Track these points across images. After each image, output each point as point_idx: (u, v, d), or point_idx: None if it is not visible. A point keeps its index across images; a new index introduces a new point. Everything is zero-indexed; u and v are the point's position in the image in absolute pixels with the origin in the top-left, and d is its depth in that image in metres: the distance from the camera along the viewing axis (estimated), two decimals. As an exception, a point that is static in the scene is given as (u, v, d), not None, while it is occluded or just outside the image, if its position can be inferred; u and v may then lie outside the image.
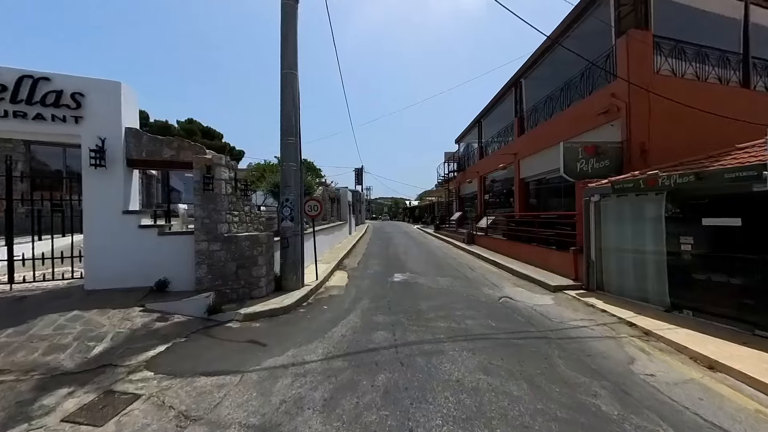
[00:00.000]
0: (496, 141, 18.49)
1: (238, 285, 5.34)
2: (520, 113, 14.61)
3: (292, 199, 6.33)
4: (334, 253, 12.32)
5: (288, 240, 6.22)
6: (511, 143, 15.41)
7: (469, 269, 10.02)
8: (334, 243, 14.74)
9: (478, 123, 20.99)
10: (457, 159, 26.46)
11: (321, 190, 13.60)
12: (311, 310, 5.71)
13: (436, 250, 15.07)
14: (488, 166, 18.61)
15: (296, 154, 6.44)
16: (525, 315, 5.61)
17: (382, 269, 10.03)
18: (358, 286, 7.75)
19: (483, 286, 7.86)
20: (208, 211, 5.06)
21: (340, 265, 10.62)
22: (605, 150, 8.14)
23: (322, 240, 11.75)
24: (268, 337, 4.40)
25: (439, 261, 11.68)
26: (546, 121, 12.21)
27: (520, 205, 14.32)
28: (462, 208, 25.71)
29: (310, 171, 17.61)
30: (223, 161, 5.27)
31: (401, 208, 70.45)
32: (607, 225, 6.91)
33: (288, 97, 6.34)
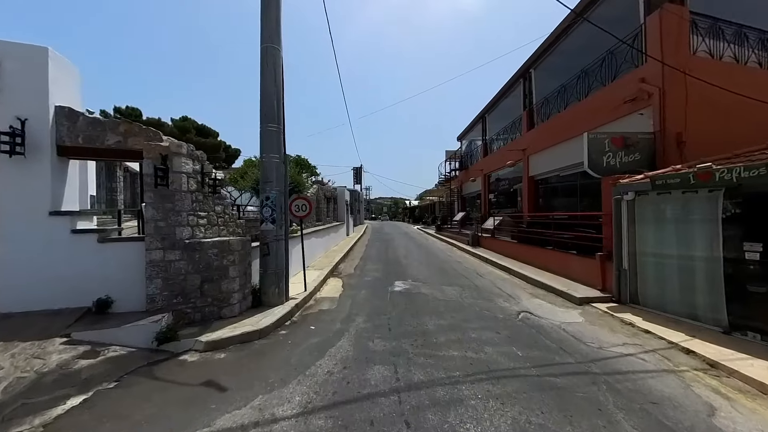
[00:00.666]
0: (501, 137, 17.50)
1: (204, 303, 4.34)
2: (530, 106, 13.61)
3: (274, 198, 5.32)
4: (329, 257, 11.32)
5: (269, 246, 5.22)
6: (519, 139, 14.41)
7: (477, 276, 9.02)
8: (329, 245, 13.74)
9: (482, 119, 20.00)
10: (459, 157, 25.46)
11: (315, 189, 12.60)
12: (294, 331, 4.70)
13: (438, 252, 14.07)
14: (493, 163, 17.62)
15: (279, 144, 5.43)
16: (554, 337, 4.61)
17: (381, 276, 9.02)
18: (354, 297, 6.74)
19: (496, 296, 6.86)
20: (163, 211, 4.07)
21: (335, 271, 9.61)
22: (635, 142, 7.15)
23: (315, 243, 10.75)
24: (233, 375, 3.39)
25: (443, 266, 10.68)
26: (559, 113, 11.22)
27: (529, 205, 13.32)
28: (464, 208, 24.72)
29: (304, 168, 16.58)
30: (185, 150, 4.26)
31: (401, 208, 69.42)
32: (643, 227, 5.92)
33: (269, 76, 5.33)
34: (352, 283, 8.14)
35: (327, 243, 13.06)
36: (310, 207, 6.43)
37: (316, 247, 10.96)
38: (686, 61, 6.99)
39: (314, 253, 10.60)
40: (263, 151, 5.36)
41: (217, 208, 5.03)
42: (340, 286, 7.73)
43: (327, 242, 13.07)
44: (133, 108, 38.98)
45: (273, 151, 5.34)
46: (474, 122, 21.74)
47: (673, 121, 6.95)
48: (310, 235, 10.11)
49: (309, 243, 9.85)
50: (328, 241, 13.41)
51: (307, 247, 9.80)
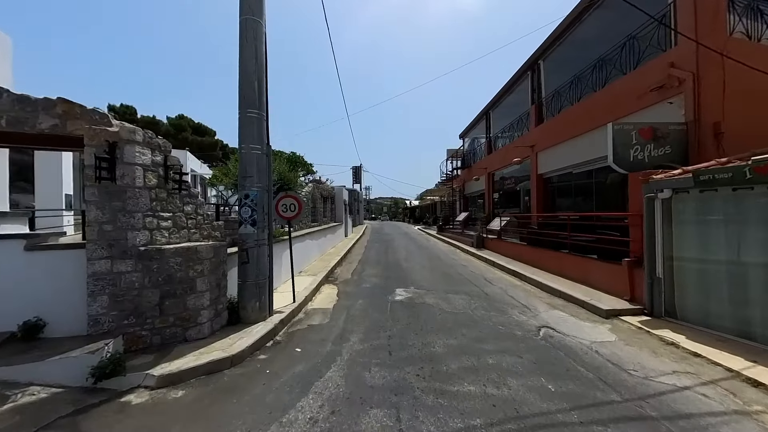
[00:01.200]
0: (506, 135, 16.72)
1: (164, 323, 3.56)
2: (538, 100, 12.83)
3: (255, 196, 4.54)
4: (324, 261, 10.53)
5: (248, 252, 4.44)
6: (527, 135, 13.63)
7: (485, 282, 8.24)
8: (326, 247, 12.96)
9: (486, 115, 19.22)
10: (461, 156, 24.68)
11: (310, 188, 11.82)
12: (276, 356, 3.92)
13: (441, 255, 13.29)
14: (498, 161, 16.84)
15: (261, 133, 4.65)
16: (588, 363, 3.83)
17: (381, 282, 8.24)
18: (349, 308, 5.96)
19: (510, 307, 6.09)
20: (110, 212, 3.29)
21: (330, 276, 8.83)
22: (665, 133, 6.37)
23: (309, 246, 9.96)
24: (187, 425, 2.62)
25: (448, 270, 9.90)
26: (572, 107, 10.44)
27: (538, 205, 12.55)
28: (467, 208, 23.94)
29: (299, 165, 15.77)
30: (140, 137, 3.48)
31: (401, 208, 68.65)
32: (682, 229, 5.14)
33: (248, 53, 4.55)
34: (348, 290, 7.35)
35: (323, 245, 12.28)
36: (299, 207, 5.65)
37: (311, 249, 10.19)
38: (723, 42, 6.22)
39: (308, 257, 9.83)
40: (242, 141, 4.58)
41: (186, 208, 4.25)
42: (334, 295, 6.95)
43: (323, 244, 12.29)
44: (128, 106, 38.23)
45: (253, 141, 4.56)
46: (477, 119, 20.97)
47: (709, 109, 6.17)
48: (304, 237, 9.33)
49: (302, 246, 9.07)
50: (325, 243, 12.63)
51: (301, 250, 9.03)
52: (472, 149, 23.62)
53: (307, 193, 11.26)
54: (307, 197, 11.20)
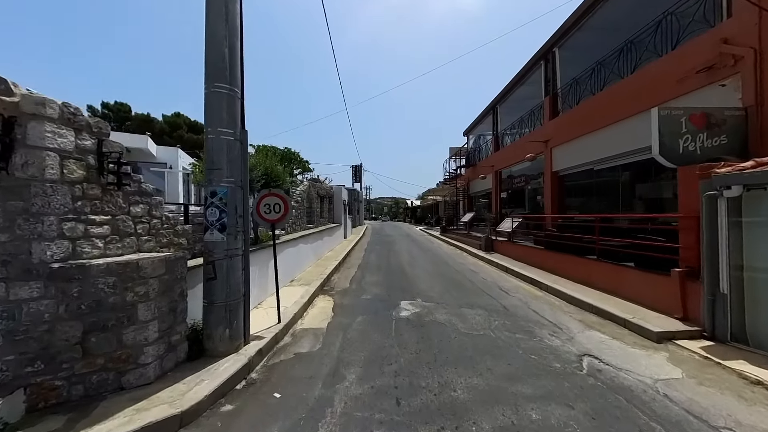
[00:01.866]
0: (515, 131, 15.75)
1: (89, 367, 2.59)
2: (553, 91, 11.85)
3: (225, 194, 3.56)
4: (320, 267, 9.56)
5: (214, 266, 3.46)
6: (540, 129, 12.66)
7: (501, 292, 7.27)
8: (323, 251, 11.98)
9: (493, 110, 18.25)
10: (465, 153, 23.72)
11: (305, 186, 10.85)
12: (246, 407, 2.95)
13: (447, 259, 12.31)
14: (506, 159, 15.87)
15: (233, 115, 3.68)
16: (664, 417, 2.86)
17: (383, 292, 7.27)
18: (347, 329, 4.99)
19: (537, 326, 5.12)
20: (4, 215, 2.33)
21: (326, 285, 7.87)
22: (720, 120, 5.39)
23: (303, 251, 8.99)
24: None
25: (457, 277, 8.93)
26: (594, 96, 9.46)
27: (552, 205, 11.58)
28: (471, 208, 22.98)
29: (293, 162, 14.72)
30: (55, 110, 2.50)
31: (402, 208, 67.69)
32: (757, 233, 4.17)
33: (216, 12, 3.57)
34: (345, 304, 6.38)
35: (320, 248, 11.31)
36: (285, 207, 4.68)
37: (305, 255, 9.22)
38: (791, 11, 5.24)
39: (302, 263, 8.86)
40: (208, 123, 3.60)
41: (135, 209, 3.28)
42: (329, 310, 5.97)
43: (320, 247, 11.32)
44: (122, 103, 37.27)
45: (223, 124, 3.58)
46: (483, 115, 19.99)
47: (775, 91, 5.20)
48: (297, 242, 8.36)
49: (295, 251, 8.10)
50: (321, 246, 11.65)
51: (294, 256, 8.05)
52: (477, 147, 22.66)
53: (301, 192, 10.29)
54: (302, 197, 10.23)
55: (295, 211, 9.47)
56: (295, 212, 9.51)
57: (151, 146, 18.22)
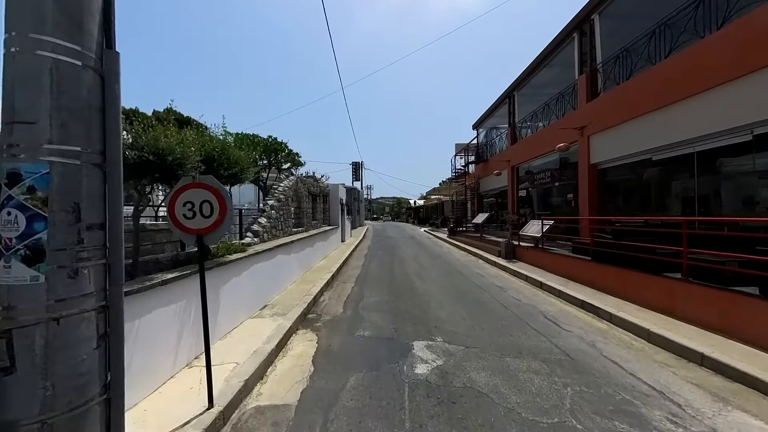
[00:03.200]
0: (534, 122, 13.75)
1: None
2: (591, 67, 9.87)
3: (44, 180, 1.62)
4: (308, 282, 7.61)
5: (12, 345, 1.53)
6: (572, 114, 10.68)
7: (548, 322, 5.32)
8: (313, 260, 10.04)
9: (509, 98, 16.26)
10: (475, 149, 21.73)
11: (292, 182, 8.89)
12: None
13: (462, 268, 10.35)
14: (526, 151, 13.89)
15: (77, 6, 1.73)
16: None
17: (388, 323, 5.31)
18: (329, 410, 3.04)
19: (637, 398, 3.17)
20: None
21: (312, 310, 5.93)
22: None
23: (285, 263, 7.02)
24: None
25: (482, 296, 6.97)
26: (655, 66, 7.48)
27: (590, 204, 9.61)
28: (481, 207, 21.01)
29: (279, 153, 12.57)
30: None
31: (404, 208, 65.71)
32: None
33: None
34: (333, 348, 4.41)
35: (308, 258, 9.35)
36: (221, 209, 2.70)
37: (287, 268, 7.26)
38: None
39: (282, 280, 6.90)
40: (8, 24, 1.67)
41: None
42: (308, 362, 4.00)
43: (308, 257, 9.37)
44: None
45: (45, 24, 1.64)
46: (495, 105, 18.01)
47: None
48: (275, 252, 6.40)
49: (270, 265, 6.15)
50: (311, 254, 9.70)
51: (270, 271, 6.09)
52: (489, 141, 20.70)
53: (285, 189, 8.34)
54: (286, 194, 8.28)
55: (276, 213, 7.53)
56: (276, 214, 7.56)
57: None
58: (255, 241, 6.27)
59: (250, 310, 5.05)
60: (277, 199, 7.86)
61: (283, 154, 13.00)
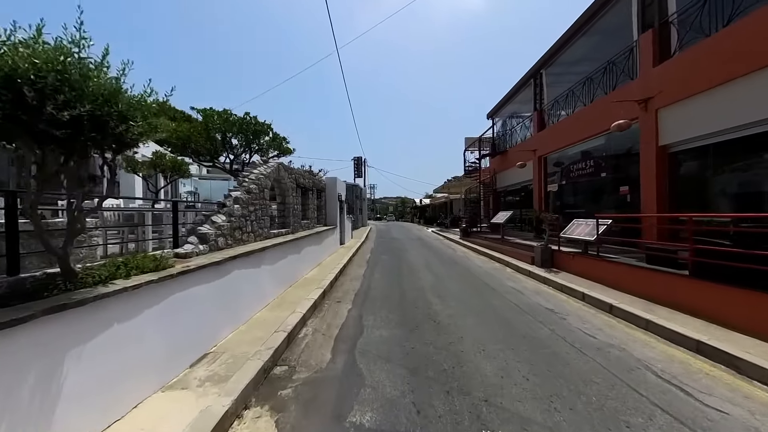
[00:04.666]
0: (574, 99, 11.52)
1: None
2: (660, 20, 7.63)
3: None
4: (285, 304, 5.47)
5: None
6: (631, 84, 8.46)
7: (675, 390, 3.12)
8: (300, 271, 7.92)
9: (534, 78, 14.02)
10: (491, 141, 19.47)
11: (270, 169, 6.73)
12: None
13: (491, 280, 8.15)
14: (559, 138, 11.66)
15: None
16: None
17: (403, 392, 3.14)
18: None
19: None
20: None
21: (280, 362, 3.78)
22: None
23: (253, 279, 4.85)
24: None
25: (540, 332, 4.76)
26: None
27: (659, 199, 7.40)
28: (497, 205, 18.78)
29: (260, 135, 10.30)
30: None
31: (409, 208, 63.42)
32: None
33: None
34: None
35: (293, 269, 7.23)
36: None
37: (253, 288, 5.11)
38: None
39: (242, 308, 4.71)
40: None
41: None
42: None
43: (293, 267, 7.25)
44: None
45: None
46: (517, 88, 15.77)
47: None
48: (228, 265, 4.25)
49: (226, 284, 4.02)
50: (297, 264, 7.57)
51: (224, 293, 3.82)
52: (506, 131, 18.47)
53: (260, 178, 6.21)
54: (260, 184, 6.16)
55: (242, 209, 5.41)
56: (243, 210, 5.44)
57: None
58: (200, 250, 4.16)
59: (162, 374, 2.93)
60: (247, 190, 5.73)
61: (268, 139, 10.85)
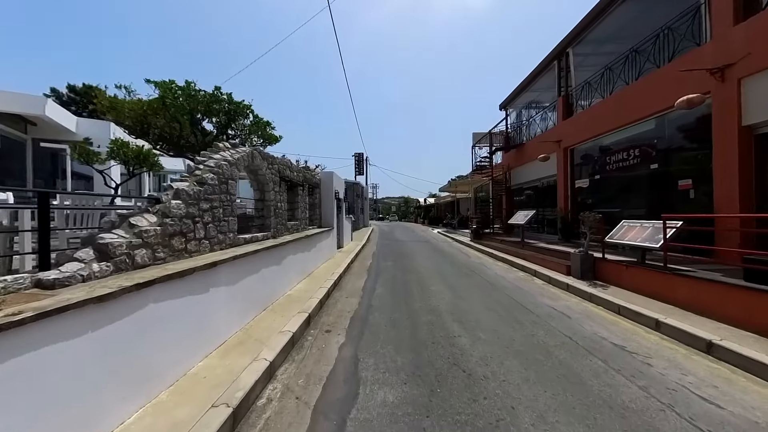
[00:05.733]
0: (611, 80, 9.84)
1: None
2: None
3: None
4: (252, 340, 3.88)
5: None
6: (694, 53, 6.78)
7: None
8: (281, 288, 6.31)
9: (559, 59, 12.33)
10: (504, 135, 17.77)
11: (239, 155, 5.11)
12: None
13: (523, 298, 6.49)
14: (592, 125, 9.97)
15: None
16: None
17: None
18: None
19: None
20: None
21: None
22: None
23: (205, 309, 3.19)
24: None
25: (621, 390, 3.09)
26: None
27: (743, 191, 5.73)
28: (511, 204, 17.11)
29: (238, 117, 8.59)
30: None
31: (412, 207, 61.71)
32: None
33: None
34: None
35: (269, 288, 5.62)
36: None
37: (205, 321, 3.49)
38: None
39: (192, 346, 3.14)
40: None
41: None
42: None
43: (274, 283, 5.65)
44: (90, 86, 32.35)
45: None
46: (536, 73, 14.06)
47: None
48: (156, 288, 2.64)
49: (168, 314, 2.33)
50: (276, 279, 5.97)
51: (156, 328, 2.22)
52: (521, 123, 16.79)
53: (221, 166, 4.59)
54: (221, 174, 4.54)
55: (186, 206, 3.80)
56: (189, 208, 3.82)
57: (56, 114, 12.79)
58: (94, 273, 2.55)
59: None
60: (199, 180, 4.13)
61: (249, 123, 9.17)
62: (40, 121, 12.09)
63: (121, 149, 7.93)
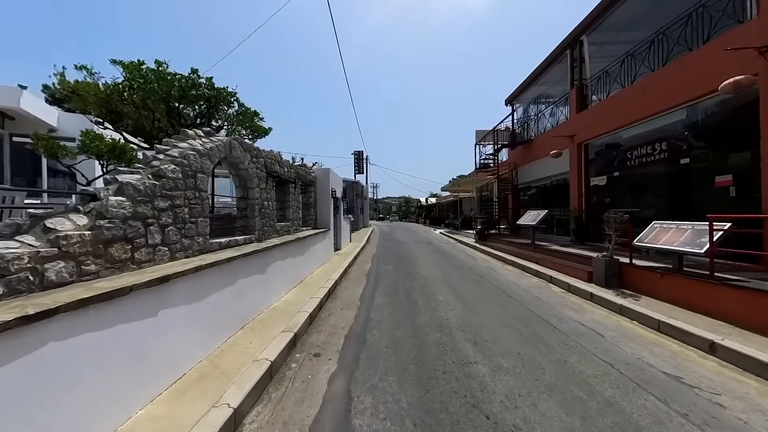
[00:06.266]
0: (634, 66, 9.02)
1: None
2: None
3: None
4: (218, 372, 3.10)
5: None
6: (736, 30, 5.97)
7: None
8: (264, 300, 5.52)
9: (572, 48, 11.52)
10: (510, 131, 16.97)
11: (214, 144, 4.34)
12: None
13: (543, 311, 5.67)
14: (611, 118, 9.15)
15: None
16: None
17: None
18: None
19: None
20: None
21: None
22: None
23: (151, 341, 2.35)
24: None
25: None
26: None
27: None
28: (517, 203, 16.30)
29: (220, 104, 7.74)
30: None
31: (413, 207, 60.86)
32: None
33: None
34: None
35: (254, 298, 4.85)
36: None
37: (153, 356, 2.70)
38: None
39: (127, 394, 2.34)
40: None
41: None
42: None
43: (256, 295, 4.87)
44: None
45: None
46: (546, 65, 13.24)
47: None
48: (70, 319, 1.85)
49: (90, 357, 1.49)
50: (263, 287, 5.19)
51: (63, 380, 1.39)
52: (529, 117, 15.98)
53: (187, 156, 3.79)
54: (187, 168, 3.75)
55: (130, 205, 2.99)
56: (138, 207, 3.02)
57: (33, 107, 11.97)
58: None
59: None
60: (155, 172, 3.33)
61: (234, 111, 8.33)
62: (17, 115, 11.30)
63: (93, 142, 7.14)
